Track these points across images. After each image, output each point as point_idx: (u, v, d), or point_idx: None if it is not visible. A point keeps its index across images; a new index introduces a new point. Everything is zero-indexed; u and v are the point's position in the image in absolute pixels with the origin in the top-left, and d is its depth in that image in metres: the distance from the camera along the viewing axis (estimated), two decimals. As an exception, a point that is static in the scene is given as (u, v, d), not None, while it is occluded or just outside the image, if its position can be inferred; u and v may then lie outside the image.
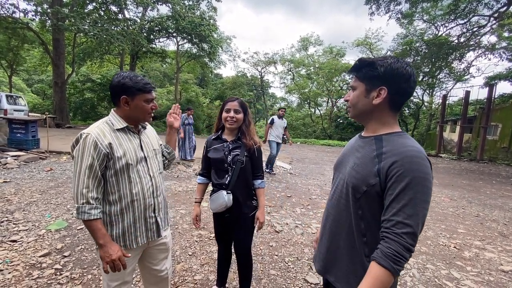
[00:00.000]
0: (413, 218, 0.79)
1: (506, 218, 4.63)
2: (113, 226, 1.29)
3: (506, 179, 9.00)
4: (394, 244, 0.79)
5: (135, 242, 1.34)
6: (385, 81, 0.90)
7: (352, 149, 1.05)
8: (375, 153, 0.91)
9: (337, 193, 1.03)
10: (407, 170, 0.81)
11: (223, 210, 1.74)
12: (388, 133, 0.94)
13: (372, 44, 27.61)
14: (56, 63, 15.29)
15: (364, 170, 0.91)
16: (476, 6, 15.58)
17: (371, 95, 0.93)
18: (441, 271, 2.74)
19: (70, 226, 3.24)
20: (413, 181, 0.80)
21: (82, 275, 2.30)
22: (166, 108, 24.03)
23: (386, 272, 0.78)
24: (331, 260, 1.05)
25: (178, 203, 4.31)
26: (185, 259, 2.67)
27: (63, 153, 7.56)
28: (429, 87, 25.69)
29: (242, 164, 1.73)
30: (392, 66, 0.89)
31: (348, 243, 0.97)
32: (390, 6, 15.93)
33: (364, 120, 1.02)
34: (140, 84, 1.27)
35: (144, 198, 1.34)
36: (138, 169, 1.32)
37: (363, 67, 0.96)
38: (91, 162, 1.18)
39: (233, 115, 1.73)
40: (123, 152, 1.27)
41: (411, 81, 0.90)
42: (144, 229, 1.37)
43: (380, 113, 0.95)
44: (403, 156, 0.83)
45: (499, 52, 20.54)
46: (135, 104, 1.29)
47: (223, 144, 1.79)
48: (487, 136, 14.92)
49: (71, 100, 22.10)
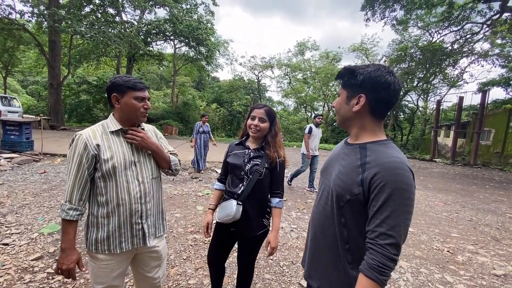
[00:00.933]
0: (396, 229, 0.80)
1: (498, 223, 4.69)
2: (99, 229, 1.28)
3: (499, 184, 9.12)
4: (378, 256, 0.80)
5: (119, 247, 1.31)
6: (363, 89, 0.91)
7: (338, 156, 1.05)
8: (359, 163, 0.91)
9: (322, 199, 1.04)
10: (389, 182, 0.82)
11: (229, 222, 1.58)
12: (373, 141, 0.94)
13: (368, 49, 27.97)
14: (52, 64, 15.20)
15: (348, 179, 0.91)
16: (469, 14, 15.92)
17: (352, 102, 0.95)
18: (434, 275, 2.76)
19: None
20: (395, 193, 0.81)
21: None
22: (163, 111, 24.00)
23: (373, 283, 0.80)
24: (315, 265, 1.05)
25: (173, 207, 4.29)
26: (180, 263, 2.66)
27: (57, 155, 7.49)
28: (424, 93, 26.05)
29: (260, 175, 1.59)
30: (371, 75, 0.90)
31: (332, 250, 0.97)
32: (385, 13, 16.18)
33: (347, 127, 1.03)
34: (131, 82, 1.28)
35: (131, 203, 1.31)
36: (126, 174, 1.30)
37: (345, 74, 0.98)
38: (79, 162, 1.21)
39: (257, 123, 1.61)
40: (111, 155, 1.26)
41: (391, 90, 0.89)
42: (130, 235, 1.33)
43: (361, 120, 0.96)
44: (385, 167, 0.84)
45: (492, 58, 20.96)
46: (124, 101, 1.28)
47: (244, 151, 1.68)
48: (480, 141, 15.14)
49: (66, 102, 21.92)
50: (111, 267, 1.33)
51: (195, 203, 4.58)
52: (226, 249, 1.80)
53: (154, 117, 22.46)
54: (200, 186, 5.70)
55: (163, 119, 22.40)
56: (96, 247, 1.29)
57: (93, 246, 1.29)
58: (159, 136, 1.58)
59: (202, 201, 4.72)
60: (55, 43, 15.04)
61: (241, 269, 1.82)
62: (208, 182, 6.17)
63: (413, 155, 18.08)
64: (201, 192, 5.26)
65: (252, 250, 1.75)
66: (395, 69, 22.50)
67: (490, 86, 19.42)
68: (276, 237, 1.63)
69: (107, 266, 1.31)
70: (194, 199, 4.80)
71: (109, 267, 1.32)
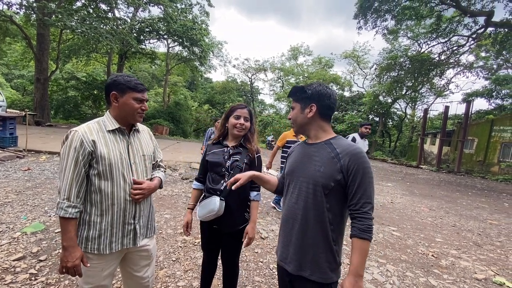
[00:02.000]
0: (371, 197, 1.10)
1: (480, 229, 4.86)
2: (90, 227, 1.27)
3: (481, 191, 9.45)
4: (365, 220, 1.07)
5: (109, 247, 1.29)
6: (313, 100, 1.19)
7: (305, 156, 1.24)
8: (332, 155, 1.15)
9: (302, 195, 1.20)
10: (359, 164, 1.10)
11: (211, 218, 1.62)
12: (331, 138, 1.21)
13: (359, 57, 28.56)
14: (39, 58, 14.76)
15: (328, 169, 1.13)
16: (456, 27, 16.56)
17: (305, 111, 1.22)
18: (419, 279, 2.83)
19: (47, 229, 3.10)
20: (365, 172, 1.10)
21: (58, 280, 2.20)
22: (153, 110, 23.66)
23: (366, 242, 1.06)
24: (304, 255, 1.18)
25: (163, 208, 4.23)
26: (169, 265, 2.62)
27: (42, 152, 7.26)
28: (412, 101, 26.79)
29: (241, 170, 1.65)
30: (317, 89, 1.19)
31: (319, 235, 1.16)
32: (377, 22, 16.60)
33: (306, 131, 1.27)
34: (132, 82, 1.29)
35: (125, 203, 1.31)
36: (122, 173, 1.29)
37: (297, 92, 1.25)
38: (76, 158, 1.19)
39: (243, 122, 1.70)
40: (107, 153, 1.25)
41: (332, 98, 1.21)
42: (121, 235, 1.33)
43: (315, 123, 1.23)
44: (353, 154, 1.11)
45: (476, 70, 21.84)
46: (123, 101, 1.28)
47: (223, 149, 1.74)
48: (464, 150, 15.68)
49: (53, 98, 21.29)
50: (101, 267, 1.30)
51: (185, 204, 4.53)
52: (215, 242, 1.82)
53: (145, 116, 22.04)
54: (190, 187, 5.65)
55: (153, 118, 22.08)
56: (85, 245, 1.27)
57: (82, 244, 1.27)
58: (153, 138, 1.60)
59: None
60: (43, 37, 14.62)
61: (226, 266, 1.84)
62: (199, 183, 6.12)
63: (400, 162, 18.51)
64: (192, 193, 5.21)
65: (235, 245, 1.78)
66: (385, 77, 23.09)
67: (474, 97, 20.21)
68: (253, 228, 1.71)
69: (97, 266, 1.29)
70: (184, 200, 4.76)
71: (99, 267, 1.30)
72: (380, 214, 5.16)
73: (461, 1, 13.97)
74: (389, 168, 14.50)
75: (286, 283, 1.30)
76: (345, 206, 1.15)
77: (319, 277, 1.15)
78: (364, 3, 15.32)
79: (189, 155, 9.80)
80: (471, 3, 14.38)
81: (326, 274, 1.15)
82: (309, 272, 1.17)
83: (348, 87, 31.17)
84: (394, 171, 13.28)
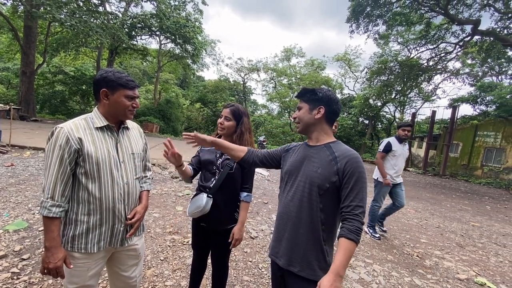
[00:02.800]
0: (363, 201, 1.13)
1: (463, 230, 5.02)
2: (77, 226, 1.23)
3: (465, 194, 9.76)
4: (355, 222, 1.09)
5: (97, 246, 1.26)
6: (322, 102, 1.24)
7: (305, 157, 1.29)
8: (330, 158, 1.20)
9: (298, 194, 1.24)
10: (355, 168, 1.14)
11: (198, 215, 1.63)
12: (331, 142, 1.26)
13: (351, 60, 28.98)
14: (26, 51, 14.30)
15: (325, 171, 1.18)
16: (444, 34, 17.07)
17: (313, 112, 1.26)
18: (404, 278, 2.90)
19: (30, 227, 3.01)
20: (359, 176, 1.14)
21: (42, 280, 2.14)
22: (144, 107, 23.29)
23: (352, 243, 1.07)
24: (295, 251, 1.22)
25: (152, 206, 4.18)
26: (157, 264, 2.59)
27: (26, 148, 7.04)
28: (401, 105, 27.39)
29: (231, 169, 1.66)
30: (327, 93, 1.26)
31: (310, 234, 1.20)
32: (368, 26, 16.90)
33: (309, 132, 1.31)
34: (123, 79, 1.25)
35: (114, 202, 1.28)
36: (111, 171, 1.26)
37: (306, 93, 1.29)
38: (62, 156, 1.15)
39: (222, 121, 1.72)
40: (94, 151, 1.21)
41: (339, 104, 1.28)
42: (110, 234, 1.30)
43: (320, 125, 1.28)
44: (350, 158, 1.16)
45: (463, 77, 22.55)
46: (114, 98, 1.25)
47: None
48: (449, 154, 16.15)
49: (39, 92, 20.64)
50: (87, 266, 1.27)
51: (175, 203, 4.49)
52: (205, 241, 1.81)
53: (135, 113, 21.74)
54: (180, 186, 5.60)
55: (143, 115, 21.76)
56: (72, 244, 1.24)
57: (69, 243, 1.23)
58: (143, 136, 1.56)
59: (182, 201, 4.64)
60: (30, 29, 14.18)
61: (215, 266, 1.83)
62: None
63: (388, 164, 18.85)
64: (181, 192, 5.17)
65: (224, 245, 1.74)
66: (375, 81, 23.53)
67: (459, 103, 20.78)
68: (240, 230, 1.68)
69: (83, 265, 1.26)
70: (173, 199, 4.71)
71: (85, 266, 1.27)
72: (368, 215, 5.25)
73: (450, 9, 14.39)
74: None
75: (278, 277, 1.33)
76: (338, 208, 1.18)
77: (308, 274, 1.18)
78: (356, 8, 15.57)
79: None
80: (459, 12, 14.85)
81: (315, 272, 1.18)
82: (298, 268, 1.20)
83: (339, 89, 31.59)
84: (383, 173, 13.53)
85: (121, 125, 1.38)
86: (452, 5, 14.54)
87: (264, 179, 7.73)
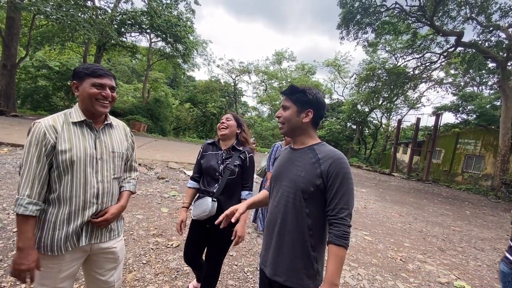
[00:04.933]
0: (349, 203, 1.08)
1: (444, 234, 5.17)
2: (44, 227, 1.17)
3: (446, 199, 10.08)
4: (341, 226, 1.05)
5: (63, 247, 1.19)
6: (311, 105, 1.19)
7: (289, 161, 1.25)
8: (313, 160, 1.15)
9: (283, 199, 1.20)
10: (340, 169, 1.09)
11: (204, 218, 1.69)
12: (315, 143, 1.22)
13: (340, 66, 29.52)
14: (7, 43, 13.70)
15: (309, 174, 1.13)
16: (430, 44, 17.74)
17: (301, 115, 1.20)
18: (388, 282, 2.94)
19: (4, 227, 2.85)
20: (344, 177, 1.09)
21: (14, 284, 2.02)
22: (131, 106, 22.80)
23: (341, 248, 1.03)
24: (281, 260, 1.18)
25: (135, 208, 4.06)
26: (138, 268, 2.51)
27: (4, 144, 6.71)
28: (387, 111, 28.16)
29: (234, 175, 1.77)
30: (317, 96, 1.20)
31: (297, 240, 1.15)
32: (358, 34, 17.34)
33: (295, 135, 1.26)
34: (90, 69, 1.22)
35: (85, 201, 1.21)
36: (85, 170, 1.20)
37: (296, 92, 1.22)
38: (39, 153, 1.12)
39: (224, 121, 1.85)
40: (69, 147, 1.16)
41: (325, 108, 1.27)
42: (75, 234, 1.22)
43: (307, 129, 1.23)
44: (334, 159, 1.11)
45: (446, 86, 23.44)
46: (82, 88, 1.21)
47: (217, 153, 1.83)
48: (432, 160, 16.68)
49: (20, 86, 19.78)
50: (59, 268, 1.20)
51: (160, 204, 4.38)
52: (201, 245, 1.88)
53: (122, 112, 21.23)
54: (166, 187, 5.48)
55: (131, 114, 21.24)
56: (38, 245, 1.17)
57: (36, 244, 1.16)
58: (129, 135, 1.48)
59: (167, 203, 4.54)
60: (13, 21, 13.60)
61: (208, 266, 1.84)
62: (176, 183, 5.96)
63: (374, 168, 19.28)
64: (167, 193, 5.06)
65: (223, 246, 1.82)
66: (364, 87, 24.07)
67: (443, 111, 21.60)
68: (243, 227, 1.72)
69: (54, 266, 1.19)
70: (159, 200, 4.60)
71: (56, 268, 1.20)
72: (354, 219, 5.31)
73: (435, 21, 14.95)
74: (364, 175, 15.05)
75: (266, 285, 1.29)
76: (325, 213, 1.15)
77: (294, 283, 1.13)
78: (347, 15, 15.93)
79: (167, 154, 9.53)
80: (444, 23, 15.47)
81: (301, 280, 1.13)
82: (284, 278, 1.15)
83: (328, 94, 32.10)
84: (369, 177, 13.80)
85: (104, 121, 1.33)
86: (438, 17, 15.13)
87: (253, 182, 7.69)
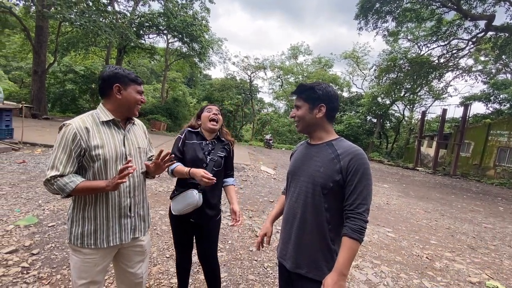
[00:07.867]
0: (367, 198, 1.10)
1: (475, 232, 4.89)
2: (85, 222, 1.25)
3: (476, 194, 9.52)
4: (358, 221, 1.07)
5: (106, 241, 1.28)
6: (323, 100, 1.19)
7: (307, 156, 1.26)
8: (333, 156, 1.16)
9: (302, 194, 1.22)
10: (359, 165, 1.10)
11: (190, 211, 1.64)
12: (334, 139, 1.22)
13: (359, 57, 28.54)
14: (37, 51, 14.59)
15: (328, 170, 1.14)
16: (457, 30, 16.58)
17: (314, 112, 1.21)
18: (413, 280, 2.84)
19: (40, 222, 3.07)
20: (364, 173, 1.10)
21: (50, 274, 2.18)
22: (151, 106, 23.53)
23: (355, 242, 1.05)
24: (302, 253, 1.21)
25: (158, 204, 4.21)
26: (162, 262, 2.61)
27: (37, 145, 7.20)
28: (410, 103, 26.86)
29: (220, 166, 1.77)
30: (327, 89, 1.20)
31: (318, 233, 1.18)
32: (377, 23, 16.57)
33: (311, 132, 1.27)
34: (132, 75, 1.33)
35: (120, 197, 1.30)
36: (116, 166, 1.28)
37: (305, 90, 1.23)
38: (69, 153, 1.18)
39: (216, 113, 1.80)
40: (101, 145, 1.23)
41: (338, 100, 1.25)
42: (118, 229, 1.31)
43: (322, 124, 1.23)
44: (354, 155, 1.12)
45: (475, 74, 21.95)
46: (128, 93, 1.30)
47: (202, 142, 1.78)
48: (460, 153, 15.77)
49: (50, 91, 21.06)
50: (95, 262, 1.29)
51: (181, 201, 4.51)
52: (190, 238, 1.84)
53: (142, 112, 21.94)
54: (186, 184, 5.63)
55: (151, 114, 21.96)
56: (82, 241, 1.25)
57: (78, 240, 1.25)
58: (146, 132, 1.59)
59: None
60: (42, 29, 14.45)
61: (205, 262, 1.85)
62: (195, 180, 6.09)
63: (397, 163, 18.58)
64: (188, 190, 5.19)
65: (211, 237, 1.82)
66: (384, 79, 23.12)
67: (472, 101, 20.31)
68: (238, 207, 1.79)
69: (91, 260, 1.28)
70: (180, 196, 4.73)
71: (93, 262, 1.28)
72: (376, 215, 5.17)
73: (462, 4, 13.98)
74: (385, 170, 14.56)
75: (286, 278, 1.32)
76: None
77: (316, 275, 1.17)
78: (365, 4, 15.29)
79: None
80: (472, 7, 14.39)
81: (323, 272, 1.15)
82: (306, 270, 1.19)
83: (347, 87, 31.21)
84: (391, 173, 13.33)
85: (128, 120, 1.41)
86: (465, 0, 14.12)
87: (270, 178, 7.70)
